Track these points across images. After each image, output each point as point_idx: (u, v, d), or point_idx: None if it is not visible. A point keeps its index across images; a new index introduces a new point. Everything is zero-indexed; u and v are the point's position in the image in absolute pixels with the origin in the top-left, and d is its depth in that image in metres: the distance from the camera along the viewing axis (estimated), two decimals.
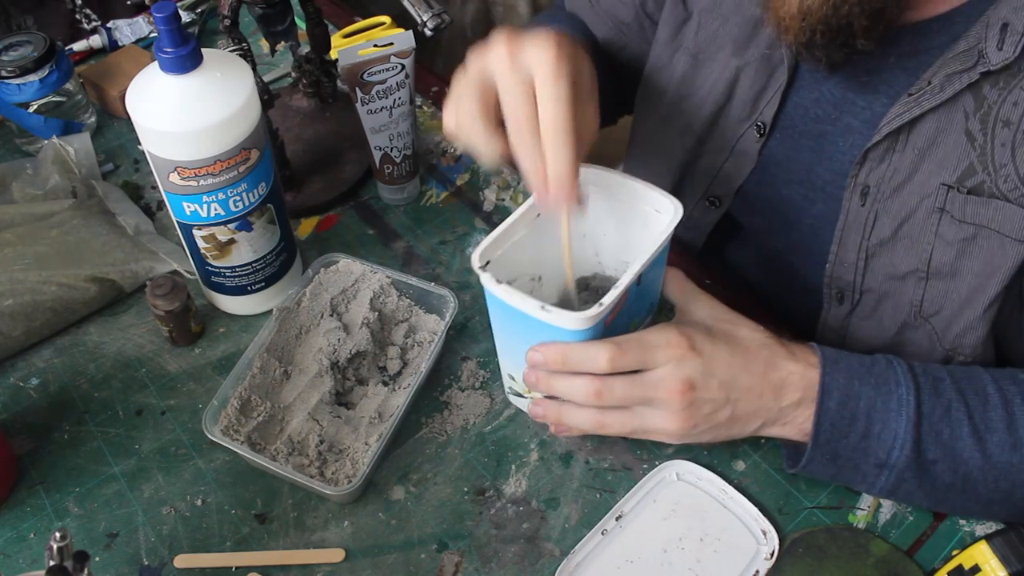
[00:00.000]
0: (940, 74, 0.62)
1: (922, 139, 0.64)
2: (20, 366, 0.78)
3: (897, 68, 0.67)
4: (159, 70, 0.67)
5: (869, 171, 0.68)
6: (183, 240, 0.76)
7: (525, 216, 0.68)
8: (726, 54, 0.77)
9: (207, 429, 0.68)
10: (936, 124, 0.63)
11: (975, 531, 0.66)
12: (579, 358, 0.61)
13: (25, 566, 0.65)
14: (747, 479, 0.69)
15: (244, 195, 0.72)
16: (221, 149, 0.68)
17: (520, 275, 0.72)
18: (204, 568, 0.65)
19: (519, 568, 0.65)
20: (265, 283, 0.79)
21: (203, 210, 0.71)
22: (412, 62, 0.83)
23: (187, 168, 0.68)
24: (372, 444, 0.69)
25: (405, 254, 0.87)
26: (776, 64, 0.74)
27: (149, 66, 0.68)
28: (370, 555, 0.66)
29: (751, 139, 0.78)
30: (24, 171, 0.91)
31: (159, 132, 0.67)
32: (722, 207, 0.84)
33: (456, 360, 0.77)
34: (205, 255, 0.75)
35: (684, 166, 0.85)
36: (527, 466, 0.70)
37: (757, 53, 0.75)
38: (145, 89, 0.68)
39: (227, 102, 0.68)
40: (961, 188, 0.62)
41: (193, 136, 0.67)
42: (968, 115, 0.62)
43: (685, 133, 0.83)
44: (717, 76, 0.78)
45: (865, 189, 0.69)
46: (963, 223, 0.63)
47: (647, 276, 0.65)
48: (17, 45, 0.94)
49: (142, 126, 0.68)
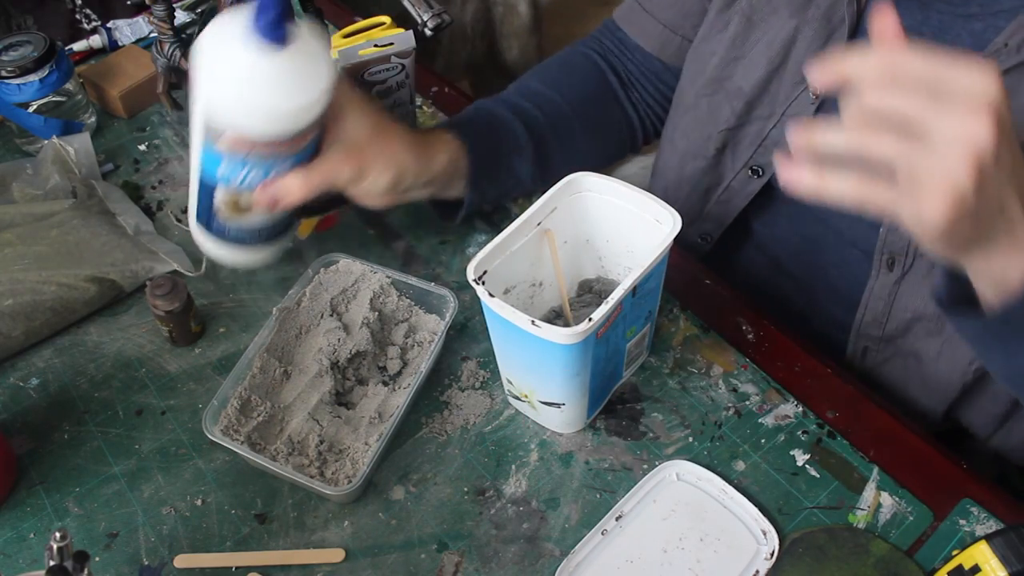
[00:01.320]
0: (1017, 36, 0.62)
1: None
2: (20, 366, 0.78)
3: (962, 30, 0.67)
4: (245, 35, 0.59)
5: None
6: (196, 191, 0.69)
7: (525, 225, 0.68)
8: (782, 16, 0.75)
9: (207, 429, 0.68)
10: (1009, 86, 0.63)
11: (975, 531, 0.66)
12: (856, 62, 0.47)
13: (25, 566, 0.65)
14: (747, 479, 0.69)
15: (288, 167, 0.66)
16: (298, 128, 0.63)
17: (520, 282, 0.72)
18: (204, 568, 0.65)
19: (519, 568, 0.65)
20: (268, 240, 0.74)
21: (240, 176, 0.65)
22: (412, 62, 0.83)
23: (252, 141, 0.62)
24: (372, 444, 0.69)
25: (405, 254, 0.87)
26: (836, 25, 0.72)
27: (225, 24, 0.60)
28: (370, 555, 0.66)
29: (805, 102, 0.76)
30: (24, 171, 0.91)
31: (236, 100, 0.60)
32: (764, 176, 0.82)
33: (456, 360, 0.77)
34: (216, 211, 0.69)
35: (728, 132, 0.83)
36: (527, 466, 0.70)
37: (817, 13, 0.73)
38: (225, 52, 0.60)
39: (314, 83, 0.61)
40: None
41: (280, 115, 0.61)
42: None
43: (734, 97, 0.81)
44: (773, 36, 0.76)
45: None
46: None
47: (644, 287, 0.66)
48: (17, 45, 0.94)
49: (213, 90, 0.61)
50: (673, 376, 0.76)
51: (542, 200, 0.69)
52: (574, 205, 0.72)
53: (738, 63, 0.80)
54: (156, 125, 1.00)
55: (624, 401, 0.74)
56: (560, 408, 0.69)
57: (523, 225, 0.68)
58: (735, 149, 0.84)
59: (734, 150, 0.84)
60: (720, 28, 0.82)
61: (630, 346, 0.71)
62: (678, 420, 0.73)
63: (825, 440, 0.71)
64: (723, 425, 0.72)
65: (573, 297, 0.78)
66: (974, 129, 0.44)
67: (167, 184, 0.94)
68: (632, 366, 0.75)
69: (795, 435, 0.72)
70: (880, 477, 0.69)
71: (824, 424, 0.72)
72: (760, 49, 0.78)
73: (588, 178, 0.71)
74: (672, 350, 0.78)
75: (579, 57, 0.95)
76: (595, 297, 0.77)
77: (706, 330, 0.79)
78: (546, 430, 0.73)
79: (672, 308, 0.81)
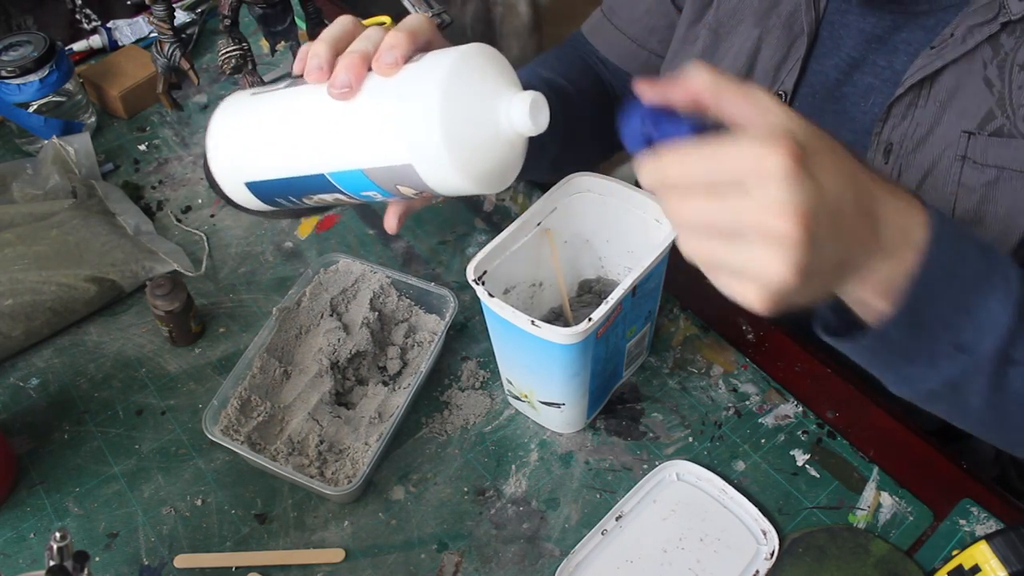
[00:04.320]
0: (963, 26, 0.64)
1: (943, 91, 0.66)
2: (20, 366, 0.78)
3: (915, 26, 0.69)
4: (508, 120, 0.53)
5: (892, 128, 0.69)
6: (288, 174, 0.58)
7: (525, 225, 0.68)
8: (747, 25, 0.78)
9: (207, 429, 0.68)
10: (956, 75, 0.65)
11: (975, 531, 0.66)
12: (638, 167, 0.45)
13: (25, 566, 0.65)
14: (747, 479, 0.69)
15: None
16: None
17: (520, 282, 0.72)
18: (204, 568, 0.65)
19: (519, 568, 0.65)
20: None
21: (362, 196, 0.58)
22: None
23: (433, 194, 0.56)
24: (372, 444, 0.69)
25: (405, 254, 0.87)
26: (796, 33, 0.75)
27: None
28: (370, 555, 0.66)
29: None
30: (24, 171, 0.91)
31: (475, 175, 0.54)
32: None
33: (456, 360, 0.77)
34: (294, 198, 0.61)
35: None
36: (527, 466, 0.70)
37: (778, 22, 0.76)
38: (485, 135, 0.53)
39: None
40: (982, 132, 0.65)
41: (493, 183, 0.56)
42: (986, 63, 0.64)
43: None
44: (739, 47, 0.79)
45: (888, 147, 0.70)
46: (985, 167, 0.65)
47: (643, 287, 0.66)
48: (17, 45, 0.94)
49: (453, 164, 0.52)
50: (673, 376, 0.76)
51: (542, 200, 0.69)
52: (574, 205, 0.72)
53: None
54: (156, 125, 1.01)
55: (624, 401, 0.74)
56: (560, 408, 0.69)
57: (523, 225, 0.68)
58: None
59: None
60: (691, 42, 0.83)
61: (630, 346, 0.71)
62: (678, 420, 0.73)
63: (825, 440, 0.71)
64: (723, 425, 0.72)
65: (573, 297, 0.78)
66: (777, 211, 0.41)
67: (167, 184, 0.94)
68: (632, 366, 0.75)
69: (795, 435, 0.72)
70: (880, 477, 0.69)
71: (824, 424, 0.72)
72: (728, 61, 0.80)
73: (588, 178, 0.71)
74: (672, 350, 0.78)
75: (575, 55, 0.95)
76: (595, 297, 0.77)
77: (706, 330, 0.79)
78: (546, 430, 0.73)
79: (672, 308, 0.81)
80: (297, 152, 0.57)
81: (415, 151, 0.52)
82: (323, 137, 0.56)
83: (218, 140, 0.60)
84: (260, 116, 0.59)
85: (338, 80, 0.54)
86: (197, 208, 0.91)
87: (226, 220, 0.90)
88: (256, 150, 0.59)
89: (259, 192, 0.60)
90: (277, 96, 0.59)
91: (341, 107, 0.55)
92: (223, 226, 0.90)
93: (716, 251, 0.45)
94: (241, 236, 0.88)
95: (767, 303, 0.44)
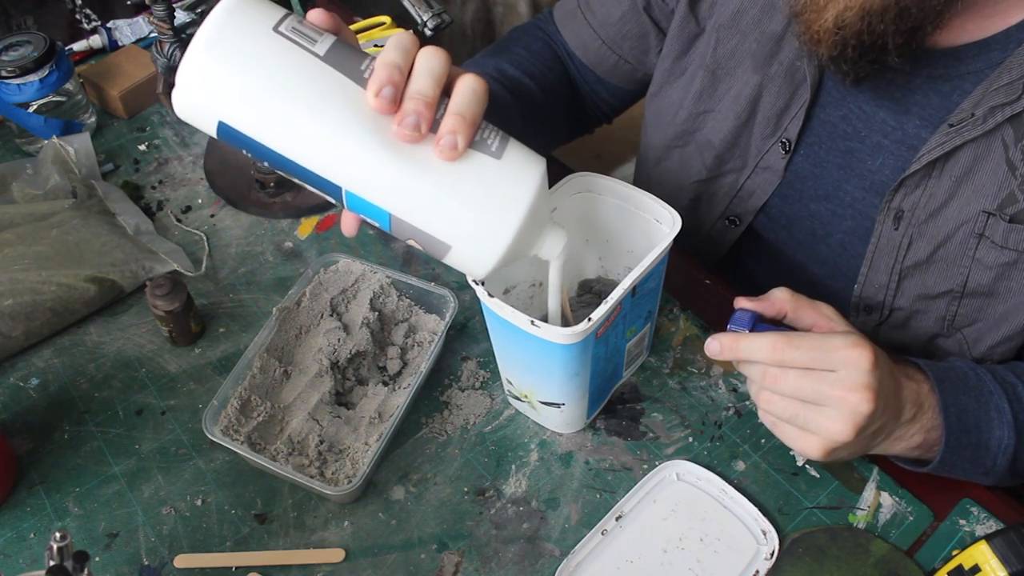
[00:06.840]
0: (983, 106, 0.63)
1: (959, 167, 0.65)
2: (20, 366, 0.78)
3: (930, 90, 0.67)
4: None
5: (904, 196, 0.69)
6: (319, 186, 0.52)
7: None
8: (746, 70, 0.77)
9: (207, 429, 0.68)
10: (974, 153, 0.64)
11: (975, 531, 0.66)
12: (747, 348, 0.61)
13: (25, 566, 0.65)
14: (747, 479, 0.69)
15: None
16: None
17: (520, 282, 0.72)
18: (204, 568, 0.65)
19: (519, 568, 0.65)
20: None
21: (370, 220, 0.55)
22: None
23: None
24: (372, 444, 0.69)
25: (405, 254, 0.87)
26: (799, 81, 0.74)
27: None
28: (370, 555, 0.66)
29: (776, 155, 0.77)
30: (24, 171, 0.91)
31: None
32: (741, 226, 0.84)
33: (456, 360, 0.77)
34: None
35: (701, 184, 0.84)
36: (527, 466, 0.70)
37: (780, 70, 0.74)
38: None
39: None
40: (1003, 215, 0.64)
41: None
42: (1008, 145, 0.63)
43: (705, 149, 0.82)
44: (738, 92, 0.78)
45: (899, 214, 0.69)
46: (1005, 248, 0.64)
47: (643, 287, 0.66)
48: (17, 45, 0.94)
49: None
50: (673, 376, 0.76)
51: None
52: (574, 205, 0.71)
53: (707, 116, 0.81)
54: (156, 125, 1.01)
55: (624, 401, 0.74)
56: (560, 408, 0.69)
57: None
58: (710, 201, 0.85)
59: (709, 201, 0.85)
60: (678, 75, 0.82)
61: (630, 346, 0.71)
62: (678, 420, 0.73)
63: None
64: (723, 425, 0.72)
65: (573, 297, 0.78)
66: (857, 389, 0.57)
67: (167, 184, 0.94)
68: (632, 366, 0.75)
69: None
70: (880, 477, 0.69)
71: None
72: (727, 103, 0.79)
73: (588, 178, 0.71)
74: (672, 350, 0.78)
75: (540, 43, 0.93)
76: (595, 297, 0.77)
77: (706, 330, 0.79)
78: (546, 430, 0.73)
79: (672, 308, 0.81)
80: (317, 148, 0.49)
81: (465, 243, 0.50)
82: (366, 162, 0.49)
83: (213, 54, 0.48)
84: (284, 75, 0.48)
85: (444, 141, 0.49)
86: (197, 208, 0.91)
87: (226, 220, 0.90)
88: (259, 105, 0.49)
89: (230, 137, 0.50)
90: (314, 66, 0.49)
91: (400, 145, 0.49)
92: (223, 226, 0.90)
93: (797, 412, 0.60)
94: (241, 236, 0.88)
95: (823, 453, 0.60)
